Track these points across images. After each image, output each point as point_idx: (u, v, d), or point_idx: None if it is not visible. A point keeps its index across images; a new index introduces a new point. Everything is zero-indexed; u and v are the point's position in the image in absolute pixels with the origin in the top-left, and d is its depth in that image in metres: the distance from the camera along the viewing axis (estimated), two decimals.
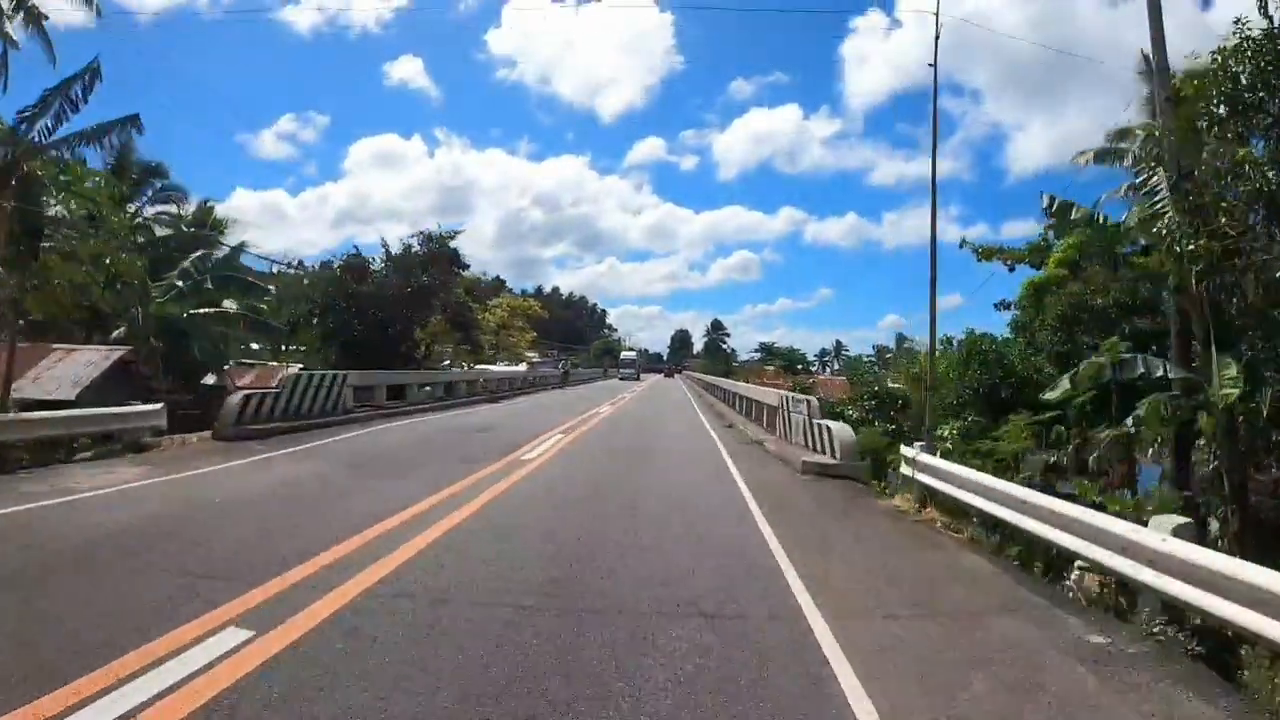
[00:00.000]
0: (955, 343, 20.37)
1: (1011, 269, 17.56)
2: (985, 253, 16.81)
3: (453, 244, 29.23)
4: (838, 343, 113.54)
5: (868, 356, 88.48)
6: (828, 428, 12.64)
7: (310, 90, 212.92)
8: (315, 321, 25.26)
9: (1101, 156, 16.55)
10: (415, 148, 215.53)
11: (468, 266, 32.72)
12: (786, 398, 15.80)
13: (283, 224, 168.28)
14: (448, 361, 35.22)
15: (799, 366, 68.94)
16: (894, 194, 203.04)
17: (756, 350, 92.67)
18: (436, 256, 28.23)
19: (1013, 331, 20.12)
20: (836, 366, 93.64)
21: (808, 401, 14.29)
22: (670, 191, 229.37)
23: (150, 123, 20.41)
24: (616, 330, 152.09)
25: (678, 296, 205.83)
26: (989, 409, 16.73)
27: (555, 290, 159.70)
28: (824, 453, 12.42)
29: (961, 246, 17.02)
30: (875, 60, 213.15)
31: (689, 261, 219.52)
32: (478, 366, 40.12)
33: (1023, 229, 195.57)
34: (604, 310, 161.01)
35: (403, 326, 26.59)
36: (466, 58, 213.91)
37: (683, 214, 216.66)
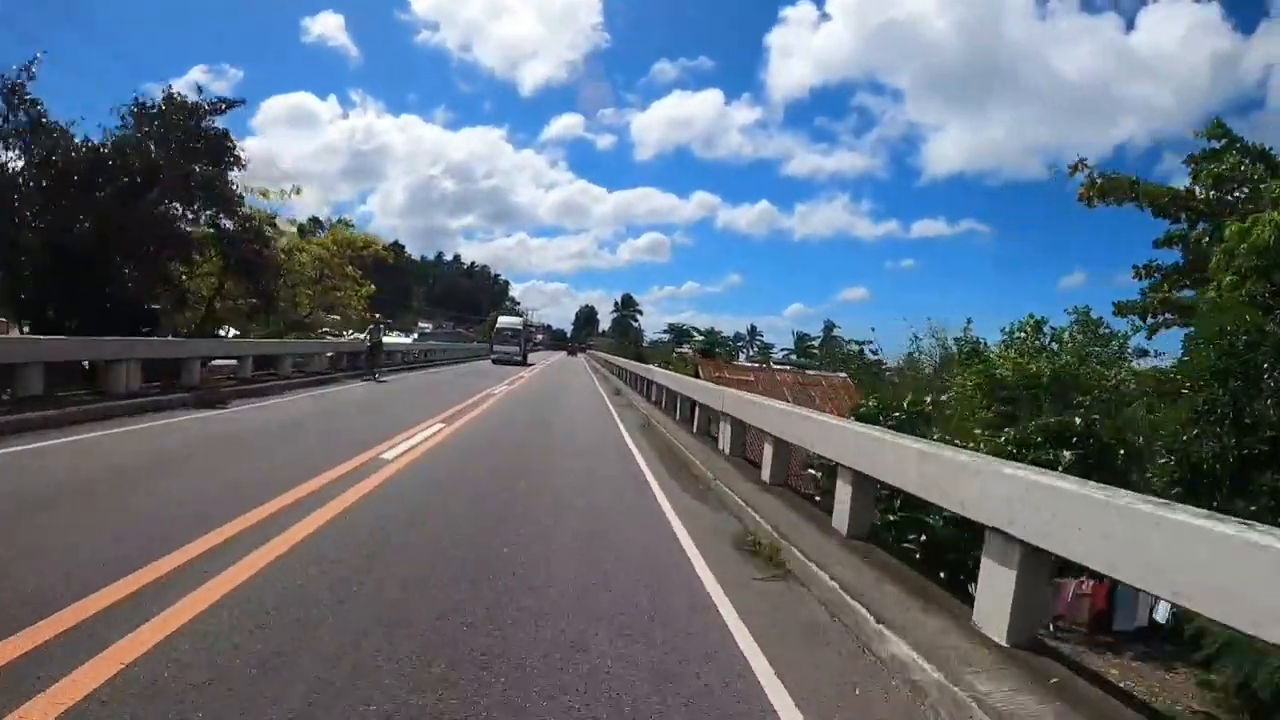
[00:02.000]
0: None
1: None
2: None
3: (231, 130, 18.22)
4: (752, 327, 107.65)
5: (809, 344, 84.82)
6: None
7: (224, 41, 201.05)
8: None
9: None
10: (330, 109, 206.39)
11: (243, 163, 18.65)
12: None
13: None
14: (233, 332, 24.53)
15: (717, 350, 62.91)
16: (808, 185, 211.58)
17: (665, 331, 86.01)
18: (197, 136, 17.25)
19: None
20: (752, 352, 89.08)
21: None
22: (585, 169, 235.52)
23: (52, 68, 17.13)
24: (520, 304, 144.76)
25: (585, 275, 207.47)
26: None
27: (456, 258, 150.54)
28: None
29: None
30: (800, 52, 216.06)
31: (599, 240, 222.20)
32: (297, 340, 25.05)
33: (934, 228, 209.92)
34: (507, 281, 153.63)
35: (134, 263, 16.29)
36: (388, 17, 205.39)
37: (596, 192, 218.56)
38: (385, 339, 28.11)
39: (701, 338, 67.55)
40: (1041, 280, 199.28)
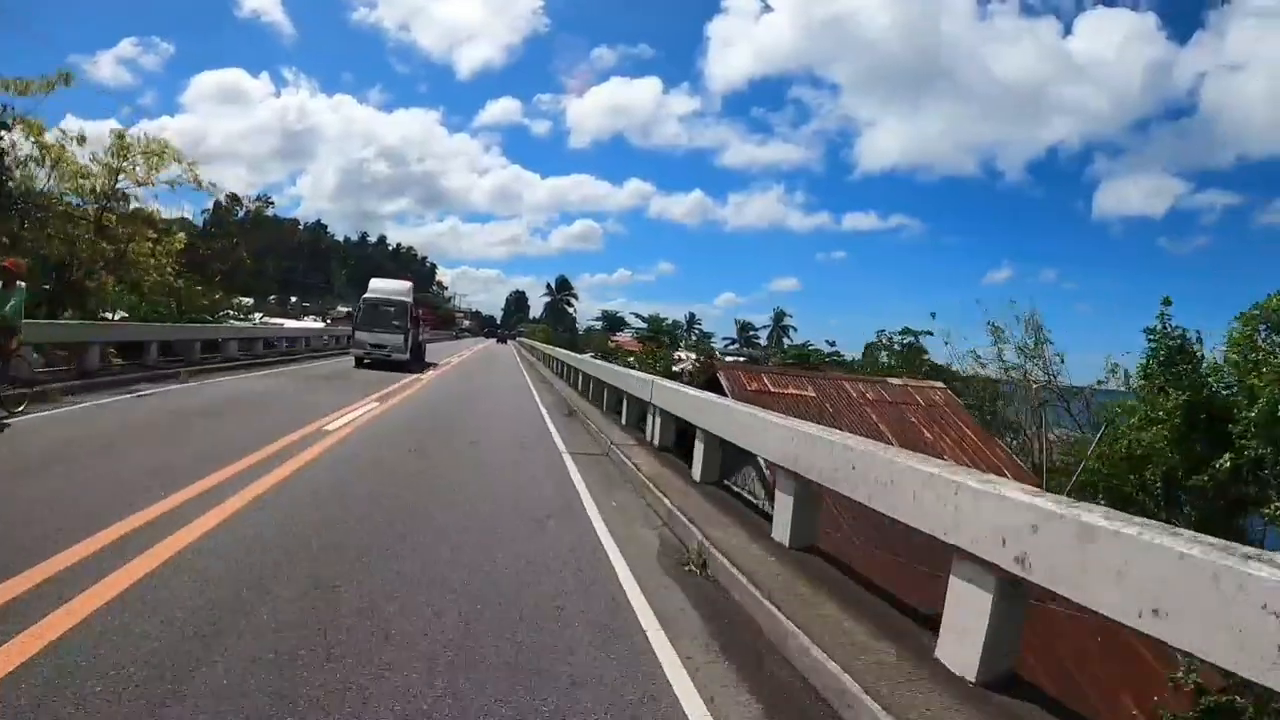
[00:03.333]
0: None
1: None
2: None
3: None
4: (691, 315, 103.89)
5: (752, 333, 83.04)
6: None
7: (156, 13, 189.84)
8: None
9: None
10: (262, 86, 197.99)
11: None
12: None
13: None
14: None
15: (665, 339, 57.38)
16: (742, 176, 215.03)
17: (598, 319, 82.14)
18: None
19: None
20: (690, 340, 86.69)
21: None
22: (520, 154, 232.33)
23: None
24: (448, 289, 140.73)
25: (517, 261, 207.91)
26: None
27: (382, 239, 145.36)
28: None
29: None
30: (741, 43, 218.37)
31: (532, 227, 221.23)
32: None
33: (865, 221, 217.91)
34: (434, 264, 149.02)
35: None
36: None
37: (530, 178, 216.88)
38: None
39: (644, 324, 60.53)
40: (969, 274, 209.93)
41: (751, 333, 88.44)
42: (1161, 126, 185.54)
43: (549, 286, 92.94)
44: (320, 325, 49.33)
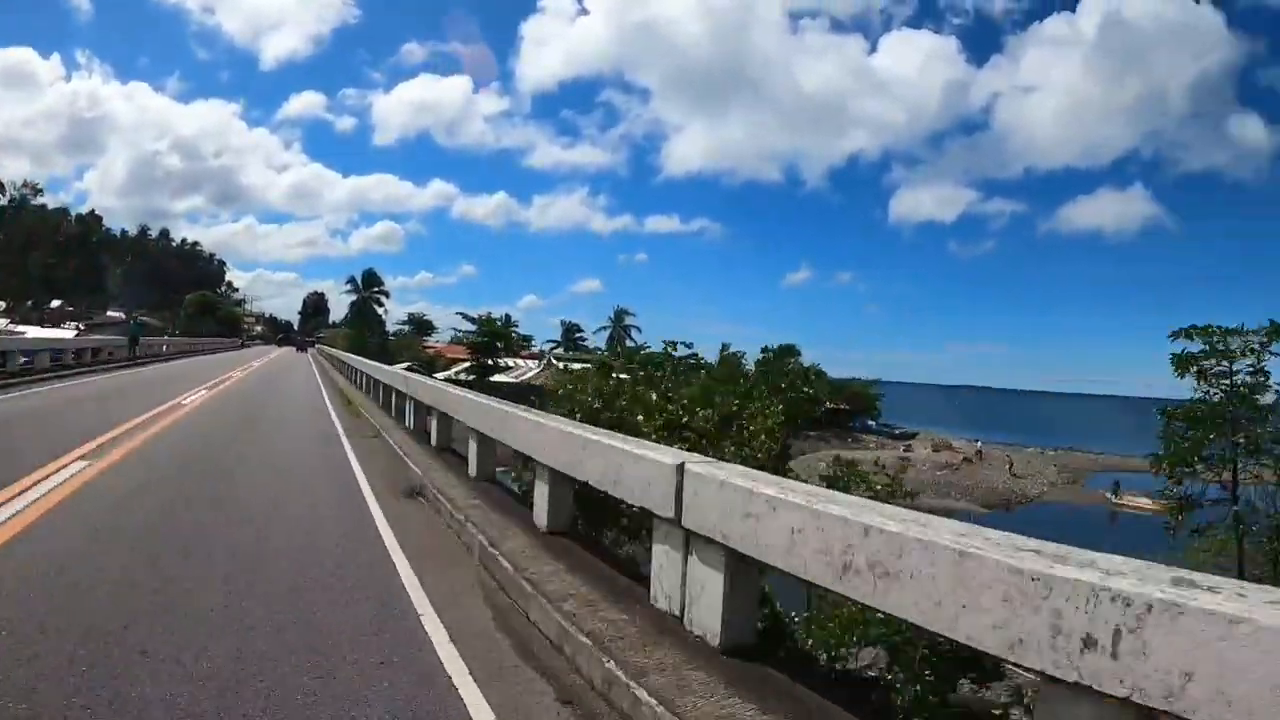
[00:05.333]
0: None
1: None
2: None
3: None
4: (507, 316, 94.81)
5: (579, 336, 77.17)
6: None
7: None
8: None
9: None
10: (52, 69, 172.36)
11: None
12: None
13: None
14: None
15: (499, 344, 51.82)
16: (548, 178, 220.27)
17: (404, 322, 72.48)
18: None
19: None
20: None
21: None
22: (321, 152, 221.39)
23: None
24: (239, 291, 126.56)
25: (316, 264, 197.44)
26: None
27: (164, 233, 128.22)
28: None
29: None
30: (555, 44, 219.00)
31: (331, 228, 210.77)
32: None
33: (667, 224, 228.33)
34: (223, 262, 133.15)
35: None
36: None
37: (330, 176, 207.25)
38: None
39: (474, 328, 52.68)
40: (769, 275, 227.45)
41: (579, 334, 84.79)
42: (956, 140, 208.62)
43: (354, 282, 78.62)
44: (70, 334, 40.75)
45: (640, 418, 10.27)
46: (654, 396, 11.40)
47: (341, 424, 14.19)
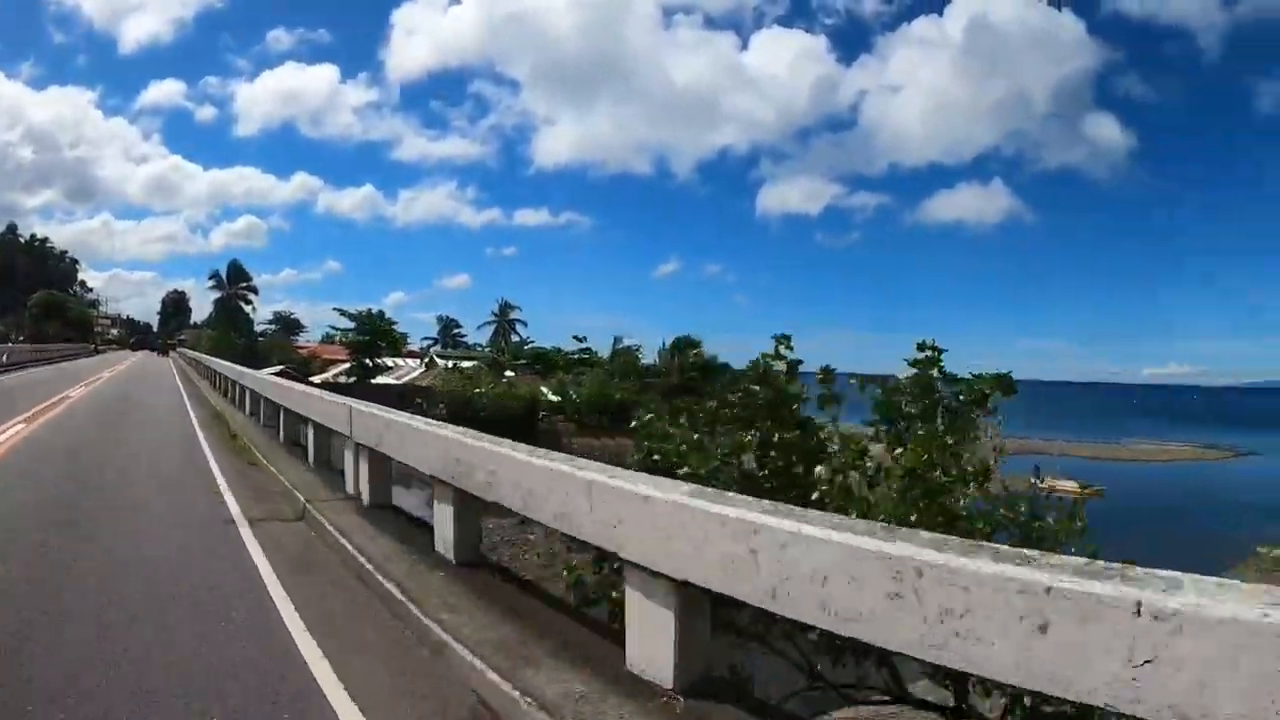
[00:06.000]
0: None
1: None
2: None
3: None
4: (381, 313, 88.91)
5: (457, 332, 73.99)
6: None
7: None
8: None
9: None
10: None
11: None
12: None
13: None
14: None
15: (381, 343, 49.03)
16: (415, 171, 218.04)
17: (272, 322, 67.31)
18: None
19: None
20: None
21: None
22: (182, 143, 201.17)
23: None
24: (94, 291, 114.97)
25: (175, 262, 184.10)
26: None
27: (12, 228, 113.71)
28: None
29: None
30: (426, 33, 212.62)
31: (191, 223, 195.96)
32: None
33: (536, 217, 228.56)
34: (75, 260, 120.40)
35: None
36: None
37: (191, 169, 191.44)
38: None
39: (351, 325, 49.07)
40: (639, 267, 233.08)
41: (458, 330, 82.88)
42: (823, 136, 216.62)
43: (218, 277, 70.79)
44: None
45: None
46: None
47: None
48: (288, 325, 64.50)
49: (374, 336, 48.48)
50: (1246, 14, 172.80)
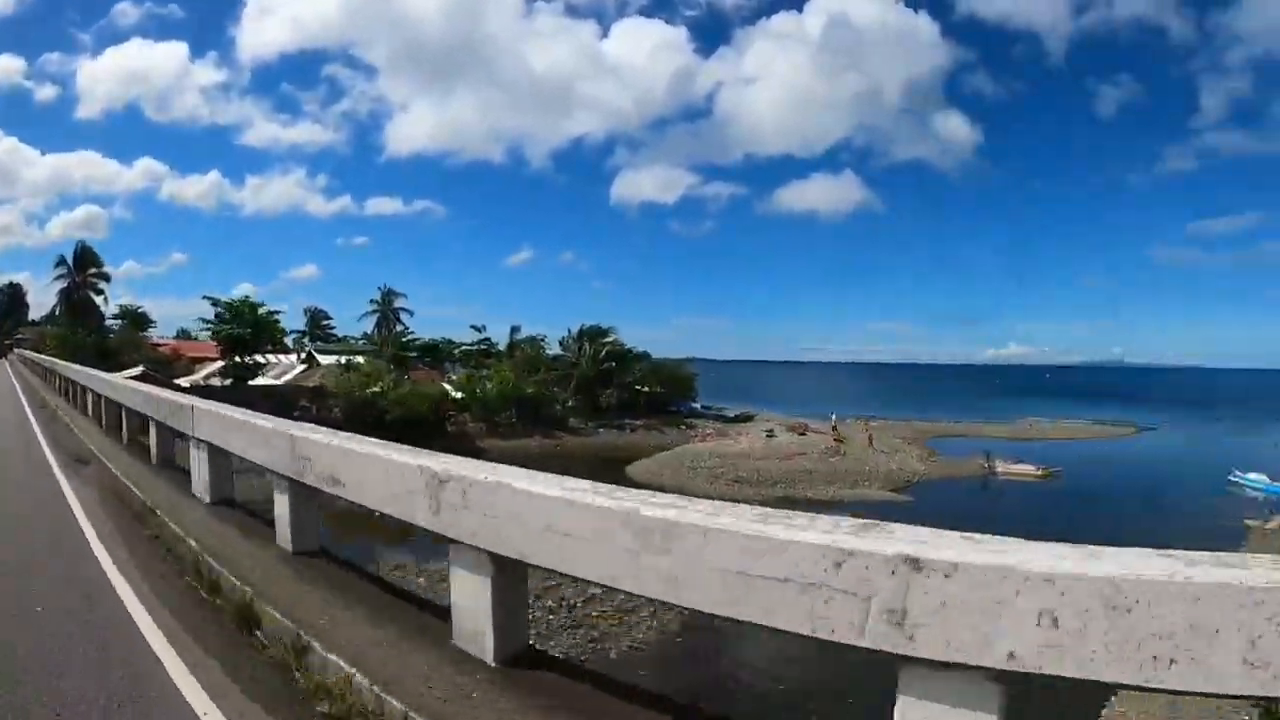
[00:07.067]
0: None
1: None
2: None
3: None
4: (256, 303, 78.10)
5: (327, 324, 67.50)
6: None
7: None
8: None
9: None
10: None
11: None
12: None
13: None
14: None
15: (259, 339, 43.94)
16: (263, 157, 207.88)
17: (117, 316, 57.77)
18: None
19: None
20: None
21: None
22: (18, 125, 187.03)
23: None
24: None
25: (11, 255, 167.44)
26: None
27: None
28: None
29: None
30: (280, 12, 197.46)
31: (27, 213, 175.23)
32: None
33: (389, 206, 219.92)
34: None
35: None
36: None
37: (29, 154, 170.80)
38: None
39: (219, 316, 43.38)
40: (492, 256, 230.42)
41: (327, 321, 76.16)
42: (679, 126, 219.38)
43: (64, 264, 60.04)
44: None
45: None
46: None
47: None
48: (135, 320, 55.75)
49: (255, 330, 42.69)
50: (1091, 21, 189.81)
